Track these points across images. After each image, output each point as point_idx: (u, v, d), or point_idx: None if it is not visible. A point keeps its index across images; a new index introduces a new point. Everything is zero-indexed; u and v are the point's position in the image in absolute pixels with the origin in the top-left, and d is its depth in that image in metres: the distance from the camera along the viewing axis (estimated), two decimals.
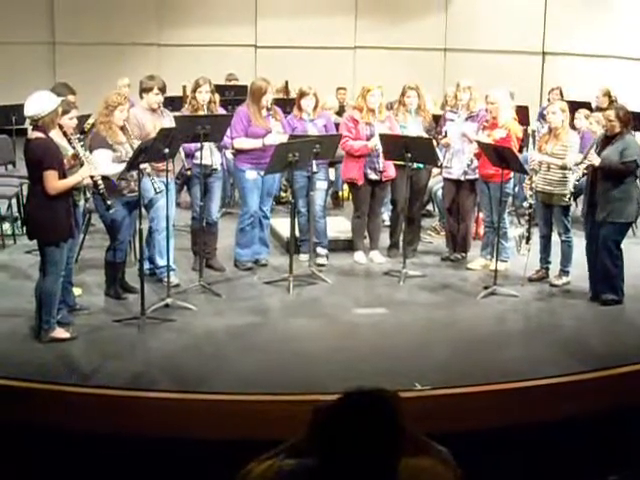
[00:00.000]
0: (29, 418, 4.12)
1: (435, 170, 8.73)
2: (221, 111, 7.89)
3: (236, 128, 7.62)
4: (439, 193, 9.00)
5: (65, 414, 4.22)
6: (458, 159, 8.10)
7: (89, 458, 4.08)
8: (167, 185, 6.89)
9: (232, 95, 10.71)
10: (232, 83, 11.92)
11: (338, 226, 8.85)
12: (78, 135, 6.39)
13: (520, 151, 8.15)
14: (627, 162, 6.88)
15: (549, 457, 4.14)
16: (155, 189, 6.80)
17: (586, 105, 10.30)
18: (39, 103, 5.84)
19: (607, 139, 7.05)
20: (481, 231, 8.57)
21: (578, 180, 7.29)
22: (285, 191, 10.06)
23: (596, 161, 6.95)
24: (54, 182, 5.81)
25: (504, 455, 4.07)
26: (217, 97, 7.77)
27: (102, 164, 6.43)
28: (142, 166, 6.56)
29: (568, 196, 7.31)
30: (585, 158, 7.10)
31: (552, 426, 4.19)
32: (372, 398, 2.31)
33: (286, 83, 11.91)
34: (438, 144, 8.21)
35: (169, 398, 4.71)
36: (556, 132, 7.44)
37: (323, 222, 8.16)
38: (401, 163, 7.86)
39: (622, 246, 7.13)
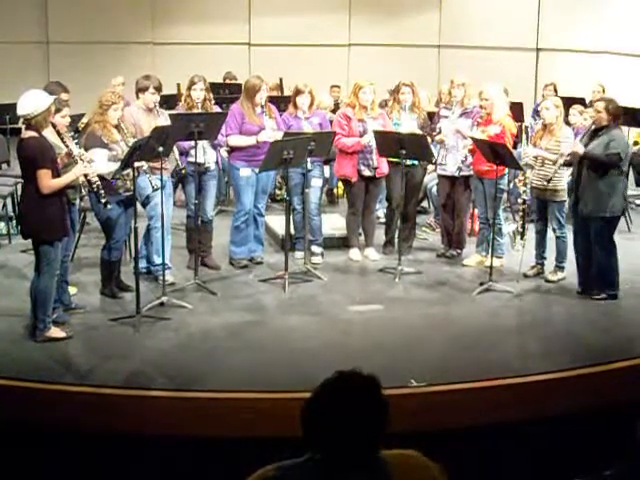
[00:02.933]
0: (24, 417, 4.11)
1: (430, 167, 8.74)
2: (216, 109, 7.88)
3: (230, 125, 7.62)
4: (434, 190, 9.01)
5: (61, 413, 4.21)
6: (452, 156, 8.10)
7: (85, 457, 4.08)
8: (162, 183, 6.88)
9: (227, 93, 10.71)
10: (231, 82, 11.90)
11: (333, 223, 8.85)
12: (72, 134, 6.38)
13: (514, 147, 8.16)
14: (611, 154, 6.89)
15: (544, 452, 4.15)
16: (152, 187, 6.81)
17: (580, 101, 10.31)
18: (31, 102, 5.83)
19: (595, 132, 7.07)
20: (476, 227, 8.58)
21: (560, 168, 7.28)
22: (280, 189, 10.06)
23: (580, 150, 6.97)
24: (48, 181, 5.80)
25: (499, 451, 4.08)
26: (212, 95, 7.77)
27: (98, 163, 6.42)
28: (139, 163, 6.56)
29: (562, 188, 7.32)
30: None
31: (547, 421, 4.20)
32: (359, 378, 2.36)
33: (280, 81, 11.91)
34: (432, 141, 8.22)
35: (165, 396, 4.71)
36: (550, 128, 7.45)
37: (318, 219, 8.16)
38: (396, 160, 7.87)
39: (616, 240, 7.15)
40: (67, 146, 6.15)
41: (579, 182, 7.09)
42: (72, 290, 6.85)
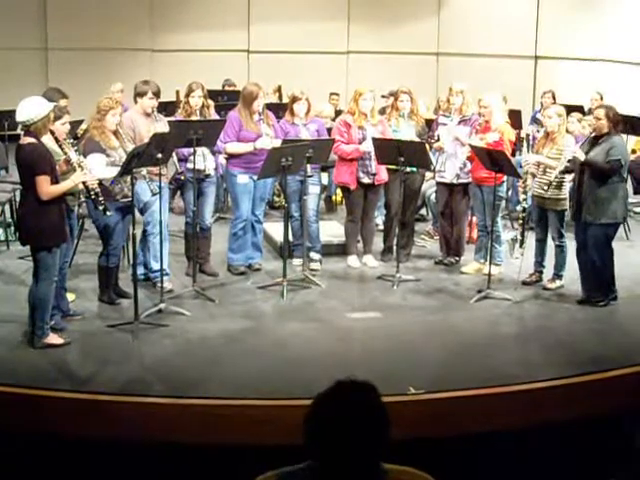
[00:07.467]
0: (22, 424, 4.10)
1: (428, 174, 8.74)
2: (215, 116, 7.89)
3: (227, 133, 7.62)
4: (432, 197, 9.01)
5: (59, 420, 4.20)
6: (451, 163, 8.11)
7: (83, 464, 4.07)
8: (160, 189, 6.88)
9: (225, 100, 10.72)
10: (230, 89, 11.92)
11: (331, 230, 8.85)
12: (71, 140, 6.37)
13: (513, 155, 8.16)
14: (612, 161, 6.91)
15: (546, 460, 4.14)
16: (152, 191, 6.80)
17: (579, 108, 10.33)
18: (30, 108, 5.83)
19: (595, 139, 7.09)
20: (474, 235, 8.58)
21: (559, 173, 7.28)
22: (278, 195, 10.07)
23: (580, 156, 6.98)
24: (46, 187, 5.80)
25: (499, 459, 4.07)
26: (211, 102, 7.78)
27: (95, 168, 6.41)
28: (137, 169, 6.56)
29: (563, 197, 7.35)
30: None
31: (548, 429, 4.19)
32: (355, 385, 2.35)
33: (279, 88, 11.93)
34: (431, 148, 8.22)
35: (163, 403, 4.70)
36: (552, 136, 7.45)
37: (316, 226, 8.16)
38: (394, 167, 7.87)
39: (615, 248, 7.15)
40: (65, 153, 6.15)
41: (581, 190, 7.10)
42: (70, 297, 6.84)
